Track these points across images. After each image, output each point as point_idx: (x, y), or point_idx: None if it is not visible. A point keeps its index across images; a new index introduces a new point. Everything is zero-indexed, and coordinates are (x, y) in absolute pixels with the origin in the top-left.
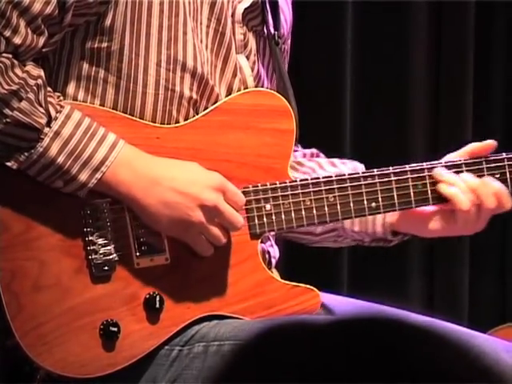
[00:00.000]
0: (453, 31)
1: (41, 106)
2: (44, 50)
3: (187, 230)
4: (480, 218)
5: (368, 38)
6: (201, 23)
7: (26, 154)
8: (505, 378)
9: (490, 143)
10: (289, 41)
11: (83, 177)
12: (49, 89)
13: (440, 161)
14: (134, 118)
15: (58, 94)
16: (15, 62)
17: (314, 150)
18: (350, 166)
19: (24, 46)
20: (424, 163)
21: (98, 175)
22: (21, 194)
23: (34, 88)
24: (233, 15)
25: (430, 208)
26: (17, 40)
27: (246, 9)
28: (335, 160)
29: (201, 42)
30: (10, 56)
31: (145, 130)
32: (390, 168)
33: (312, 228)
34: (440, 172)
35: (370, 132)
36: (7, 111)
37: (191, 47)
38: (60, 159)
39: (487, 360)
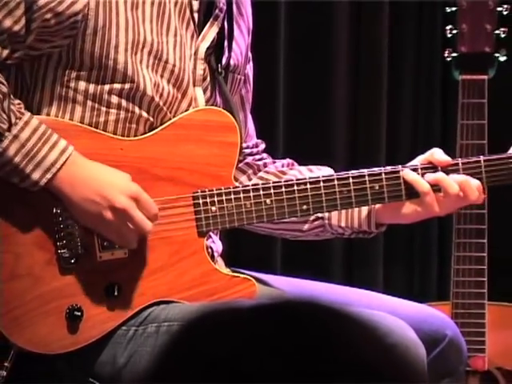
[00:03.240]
0: (369, 31)
1: (4, 112)
2: (7, 62)
3: (101, 226)
4: (447, 202)
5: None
6: (166, 62)
7: None
8: (409, 352)
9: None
10: (247, 67)
11: (36, 175)
12: (12, 97)
13: (363, 170)
14: (100, 131)
15: (19, 101)
16: None
17: (290, 160)
18: (324, 171)
19: None
20: (349, 172)
21: (49, 175)
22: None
23: (0, 96)
24: (195, 53)
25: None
26: None
27: (207, 48)
28: (312, 167)
29: (161, 77)
30: None
31: (110, 142)
32: (320, 176)
33: (300, 226)
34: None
35: (301, 133)
36: None
37: (149, 81)
38: (17, 159)
39: (394, 337)
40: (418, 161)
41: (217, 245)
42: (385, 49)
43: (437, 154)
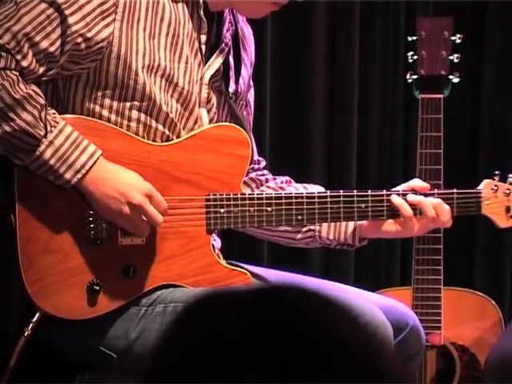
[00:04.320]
0: (343, 63)
1: (41, 121)
2: (42, 78)
3: (119, 218)
4: (423, 223)
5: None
6: (176, 85)
7: (27, 155)
8: (379, 331)
9: (427, 186)
10: (249, 94)
11: (68, 176)
12: (48, 108)
13: (353, 191)
14: (131, 134)
15: (53, 111)
16: (21, 79)
17: (288, 178)
18: (317, 188)
19: (27, 70)
20: (341, 191)
21: (79, 175)
22: (39, 186)
23: (38, 107)
24: (201, 79)
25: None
26: (24, 63)
27: (212, 75)
28: (306, 185)
29: (171, 97)
30: (17, 74)
31: (139, 145)
32: (316, 192)
33: (293, 235)
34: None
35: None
36: (14, 117)
37: (163, 100)
38: (51, 161)
39: (366, 318)
40: (401, 188)
41: (217, 242)
42: (355, 74)
43: (417, 182)
